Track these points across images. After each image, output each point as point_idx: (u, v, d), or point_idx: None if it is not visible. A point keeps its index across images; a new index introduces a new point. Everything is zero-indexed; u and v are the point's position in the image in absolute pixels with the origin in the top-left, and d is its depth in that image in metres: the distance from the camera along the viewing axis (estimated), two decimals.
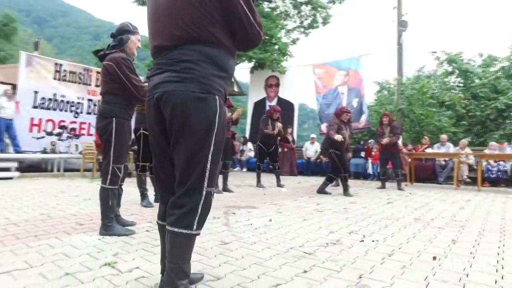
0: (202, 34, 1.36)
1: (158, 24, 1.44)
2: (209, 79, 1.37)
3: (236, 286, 1.66)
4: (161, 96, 1.37)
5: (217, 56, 1.39)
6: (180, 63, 1.37)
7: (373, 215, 3.66)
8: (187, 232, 1.35)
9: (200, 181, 1.36)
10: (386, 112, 7.36)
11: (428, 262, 2.06)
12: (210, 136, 1.37)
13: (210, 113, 1.36)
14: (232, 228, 2.95)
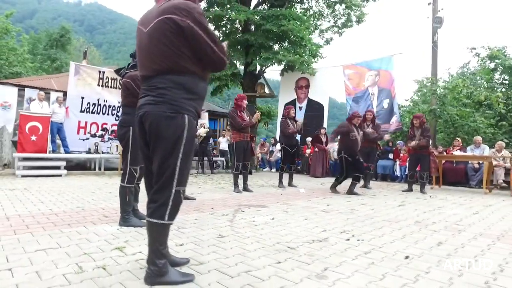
0: (173, 66, 1.73)
1: (141, 58, 1.82)
2: (179, 101, 1.72)
3: (213, 270, 1.99)
4: (142, 115, 1.75)
5: (186, 83, 1.75)
6: (156, 89, 1.74)
7: (375, 217, 3.79)
8: (160, 222, 1.71)
9: (170, 181, 1.71)
10: (417, 114, 7.24)
11: (398, 261, 2.23)
12: (179, 147, 1.72)
13: (178, 129, 1.71)
14: (234, 224, 3.27)
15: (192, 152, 1.83)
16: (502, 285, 1.86)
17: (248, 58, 12.54)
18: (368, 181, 7.17)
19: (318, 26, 17.17)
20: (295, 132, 6.60)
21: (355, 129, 5.76)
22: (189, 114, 1.76)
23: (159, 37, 1.71)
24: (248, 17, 11.88)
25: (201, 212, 3.88)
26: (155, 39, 1.73)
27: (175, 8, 1.68)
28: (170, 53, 1.71)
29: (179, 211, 1.80)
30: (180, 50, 1.71)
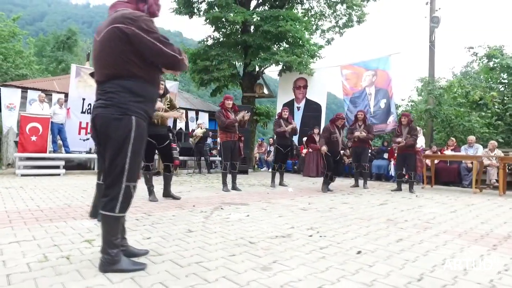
0: (121, 72, 1.90)
1: (95, 65, 1.99)
2: (127, 104, 1.88)
3: (168, 260, 2.13)
4: (94, 118, 1.91)
5: (133, 87, 1.91)
6: (106, 93, 1.91)
7: (350, 215, 3.89)
8: (111, 214, 1.86)
9: (120, 178, 1.87)
10: (405, 112, 7.32)
11: (349, 256, 2.35)
12: (127, 146, 1.87)
13: (125, 130, 1.87)
14: (208, 220, 3.41)
15: (141, 150, 1.98)
16: (437, 277, 1.96)
17: (246, 59, 12.70)
18: (365, 181, 7.27)
19: (319, 26, 17.27)
20: (284, 132, 6.71)
21: (336, 131, 6.01)
22: (136, 115, 1.91)
23: (109, 45, 1.88)
24: (246, 18, 12.03)
25: (181, 209, 4.03)
26: (106, 46, 1.89)
27: (122, 17, 1.85)
28: (118, 59, 1.87)
29: (160, 208, 1.95)
30: (128, 57, 1.87)
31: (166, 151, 4.70)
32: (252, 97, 13.29)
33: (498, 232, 3.18)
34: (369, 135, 7.11)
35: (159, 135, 4.57)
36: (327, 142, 5.97)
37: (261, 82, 13.31)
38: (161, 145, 4.61)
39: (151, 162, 4.74)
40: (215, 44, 13.51)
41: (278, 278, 1.87)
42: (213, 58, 12.42)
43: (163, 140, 4.61)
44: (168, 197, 4.81)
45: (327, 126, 6.22)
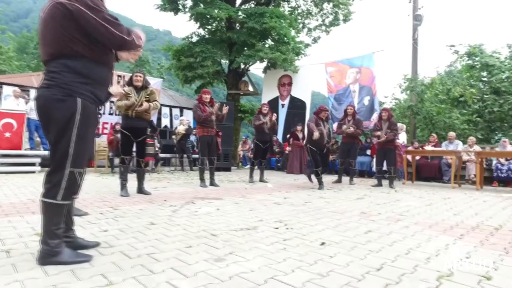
0: (65, 50, 1.77)
1: (40, 43, 1.86)
2: (70, 85, 1.75)
3: (118, 252, 2.01)
4: (36, 99, 1.79)
5: (79, 67, 1.78)
6: (49, 73, 1.78)
7: (324, 209, 3.82)
8: (51, 201, 1.73)
9: (63, 163, 1.74)
10: (385, 107, 7.31)
11: (312, 247, 2.26)
12: (70, 129, 1.75)
13: (69, 111, 1.74)
14: (176, 214, 3.29)
15: (89, 134, 1.86)
16: (398, 266, 1.89)
17: (231, 56, 12.58)
18: (351, 178, 7.20)
19: (306, 25, 17.27)
20: (262, 125, 6.61)
21: (321, 123, 5.86)
22: (82, 97, 1.79)
23: (51, 21, 1.76)
24: (230, 14, 11.91)
25: (151, 203, 3.90)
26: (49, 24, 1.77)
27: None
28: (61, 37, 1.75)
29: (129, 203, 1.82)
30: (72, 35, 1.75)
31: (140, 146, 4.60)
32: (237, 94, 13.17)
33: (468, 222, 3.15)
34: (357, 130, 7.02)
35: (135, 128, 4.48)
36: (311, 138, 5.83)
37: (246, 79, 13.20)
38: (136, 138, 4.53)
39: (128, 156, 4.58)
40: (199, 41, 13.35)
41: (229, 269, 1.77)
42: (197, 55, 12.26)
43: (139, 134, 4.52)
44: (141, 193, 4.67)
45: (312, 118, 6.11)
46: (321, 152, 5.93)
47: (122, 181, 4.53)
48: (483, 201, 4.81)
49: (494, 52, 10.62)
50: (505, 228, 2.94)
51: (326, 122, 6.04)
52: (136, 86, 4.51)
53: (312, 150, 5.84)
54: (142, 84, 4.54)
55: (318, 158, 5.89)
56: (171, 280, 1.60)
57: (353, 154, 7.18)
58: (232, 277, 1.65)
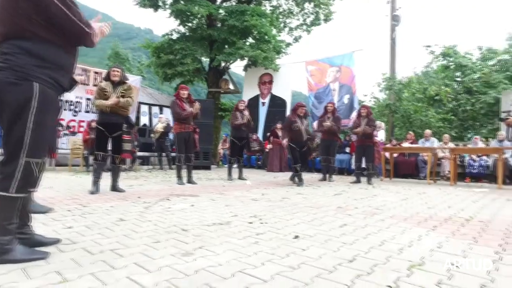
0: (20, 31, 1.65)
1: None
2: (25, 68, 1.63)
3: (80, 248, 1.90)
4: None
5: (35, 49, 1.67)
6: (2, 55, 1.65)
7: (300, 204, 3.79)
8: (3, 194, 1.60)
9: (17, 152, 1.62)
10: (365, 104, 7.39)
11: (285, 240, 2.21)
12: (26, 115, 1.63)
13: (23, 96, 1.62)
14: (148, 210, 3.18)
15: (48, 122, 1.74)
16: (370, 258, 1.86)
17: (212, 54, 12.45)
18: (330, 174, 7.22)
19: (287, 24, 17.31)
20: (240, 125, 6.56)
21: (298, 120, 5.83)
22: (41, 82, 1.67)
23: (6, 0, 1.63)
24: (211, 12, 11.78)
25: (124, 200, 3.76)
26: (4, 2, 1.64)
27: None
28: (17, 17, 1.63)
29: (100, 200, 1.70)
30: (30, 17, 1.63)
31: (115, 142, 4.47)
32: (217, 93, 13.05)
33: (441, 215, 3.18)
34: (334, 127, 7.00)
35: (110, 123, 4.36)
36: (291, 133, 5.85)
37: (226, 77, 13.09)
38: (111, 134, 4.41)
39: (102, 152, 4.43)
40: (179, 38, 13.15)
41: (196, 264, 1.69)
42: (177, 52, 12.07)
43: (114, 129, 4.40)
44: (114, 191, 4.51)
45: (288, 116, 6.14)
46: (300, 149, 5.92)
47: (95, 178, 4.37)
48: (456, 195, 4.91)
49: (466, 54, 10.95)
50: (475, 219, 2.98)
51: (305, 118, 6.02)
52: (114, 81, 4.40)
53: (291, 146, 5.84)
54: (120, 79, 4.43)
55: (297, 154, 5.88)
56: (132, 275, 1.50)
57: (332, 151, 7.20)
58: (198, 271, 1.58)
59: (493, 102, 8.83)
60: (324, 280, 1.51)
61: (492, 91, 8.96)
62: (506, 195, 5.04)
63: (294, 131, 5.84)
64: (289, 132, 5.90)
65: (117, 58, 31.13)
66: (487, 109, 9.07)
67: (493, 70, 9.85)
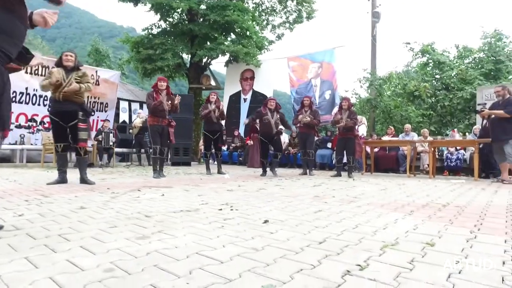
0: None
1: None
2: None
3: (24, 234, 1.72)
4: None
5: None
6: None
7: (276, 194, 3.67)
8: None
9: None
10: (346, 97, 7.36)
11: (253, 225, 2.07)
12: None
13: None
14: (114, 200, 2.99)
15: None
16: (342, 239, 1.74)
17: (193, 49, 12.23)
18: (310, 168, 7.10)
19: (270, 21, 17.24)
20: (208, 113, 6.39)
21: (269, 113, 6.00)
22: None
23: None
24: (191, 6, 11.57)
25: (91, 191, 3.56)
26: None
27: None
28: None
29: (65, 191, 1.50)
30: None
31: (72, 131, 4.18)
32: (198, 89, 12.84)
33: (419, 202, 3.12)
34: (314, 121, 6.91)
35: (64, 111, 4.07)
36: (260, 126, 5.91)
37: (208, 73, 12.90)
38: (67, 123, 4.13)
39: (62, 142, 4.19)
40: (160, 33, 12.87)
41: (150, 246, 1.53)
42: (157, 47, 11.79)
43: (69, 118, 4.11)
44: (84, 183, 4.27)
45: (259, 110, 6.27)
46: (270, 140, 6.16)
47: (58, 169, 4.18)
48: (435, 186, 4.91)
49: (444, 51, 11.12)
50: (452, 205, 2.93)
51: (276, 112, 6.13)
52: (66, 67, 4.09)
53: (261, 139, 6.01)
54: (74, 65, 4.14)
55: (266, 147, 6.17)
56: (73, 258, 1.34)
57: (310, 144, 7.09)
58: (150, 253, 1.42)
59: (469, 97, 8.98)
60: (288, 261, 1.38)
61: (468, 87, 9.11)
62: (481, 185, 5.08)
63: (264, 123, 6.03)
64: (259, 125, 6.05)
65: (97, 55, 30.40)
66: (464, 104, 9.22)
67: (469, 67, 10.04)
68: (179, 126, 9.66)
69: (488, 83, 9.37)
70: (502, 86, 5.83)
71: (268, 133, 5.98)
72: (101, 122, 9.87)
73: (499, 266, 1.32)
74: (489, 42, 10.41)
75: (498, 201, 3.23)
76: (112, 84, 11.17)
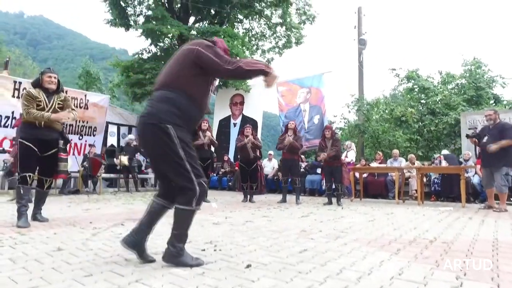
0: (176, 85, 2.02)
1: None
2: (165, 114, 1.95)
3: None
4: None
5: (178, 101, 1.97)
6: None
7: (263, 228, 3.60)
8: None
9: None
10: (327, 125, 7.38)
11: (236, 270, 2.01)
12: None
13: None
14: (94, 238, 2.89)
15: None
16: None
17: None
18: (297, 196, 6.85)
19: (260, 46, 17.62)
20: (201, 144, 6.38)
21: (245, 139, 6.62)
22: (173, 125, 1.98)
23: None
24: (181, 32, 11.77)
25: (72, 226, 3.44)
26: (182, 59, 2.06)
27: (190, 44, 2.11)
28: (182, 74, 2.03)
29: (44, 226, 1.42)
30: (191, 75, 2.01)
31: (49, 161, 3.71)
32: None
33: (406, 237, 3.09)
34: (296, 143, 6.81)
35: (44, 140, 3.63)
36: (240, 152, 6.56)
37: None
38: (44, 153, 3.66)
39: (31, 173, 3.63)
40: (150, 58, 13.00)
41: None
42: (147, 72, 11.88)
43: (48, 147, 3.67)
44: (35, 221, 3.73)
45: (238, 137, 6.90)
46: (249, 166, 6.62)
47: (21, 206, 3.54)
48: (423, 215, 4.89)
49: (428, 77, 11.45)
50: (439, 240, 2.91)
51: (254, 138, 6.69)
52: (48, 89, 3.67)
53: (240, 165, 6.27)
54: (57, 87, 3.75)
55: (245, 173, 6.46)
56: None
57: (295, 171, 6.96)
58: None
59: (454, 123, 9.17)
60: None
61: (452, 113, 9.32)
62: (468, 213, 5.09)
63: (242, 149, 6.40)
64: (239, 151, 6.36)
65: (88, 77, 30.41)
66: (449, 129, 9.40)
67: (452, 93, 10.32)
68: None
69: (471, 109, 9.63)
70: (494, 110, 5.84)
71: (246, 158, 6.51)
72: (89, 147, 9.73)
73: None
74: (470, 69, 10.77)
75: (484, 235, 3.22)
76: (101, 108, 11.13)
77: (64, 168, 3.82)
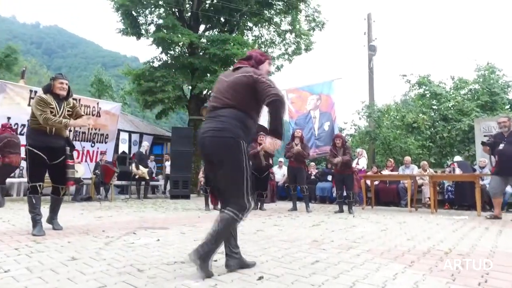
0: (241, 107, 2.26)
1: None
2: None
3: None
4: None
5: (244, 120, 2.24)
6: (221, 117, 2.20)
7: (274, 237, 3.60)
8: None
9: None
10: (338, 134, 7.35)
11: (247, 282, 2.01)
12: None
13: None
14: (107, 247, 2.92)
15: None
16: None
17: (193, 81, 12.47)
18: (307, 204, 6.77)
19: (269, 53, 17.68)
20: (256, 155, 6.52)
21: (258, 146, 6.49)
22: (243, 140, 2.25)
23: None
24: (192, 40, 11.91)
25: (86, 235, 3.49)
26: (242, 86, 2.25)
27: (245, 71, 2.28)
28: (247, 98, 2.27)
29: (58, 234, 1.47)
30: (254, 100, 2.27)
31: (59, 169, 3.68)
32: (199, 120, 12.94)
33: (420, 248, 3.04)
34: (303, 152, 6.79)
35: (53, 148, 3.58)
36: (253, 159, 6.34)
37: (207, 105, 13.05)
38: (53, 161, 3.62)
39: (41, 182, 3.61)
40: (161, 66, 13.18)
41: None
42: (157, 80, 12.03)
43: (57, 154, 3.63)
44: (50, 224, 3.80)
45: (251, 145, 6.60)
46: (260, 174, 6.55)
47: (35, 216, 3.53)
48: (437, 224, 4.81)
49: (440, 82, 11.31)
50: (454, 252, 2.85)
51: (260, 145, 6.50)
52: (59, 95, 3.64)
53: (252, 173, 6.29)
54: (67, 93, 3.72)
55: (256, 181, 6.34)
56: None
57: (301, 179, 6.89)
58: None
59: (468, 129, 9.02)
60: None
61: (465, 119, 9.17)
62: (485, 223, 4.97)
63: (254, 156, 6.31)
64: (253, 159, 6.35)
65: (100, 85, 30.96)
66: (462, 136, 9.24)
67: (465, 99, 10.17)
68: (179, 158, 9.69)
69: (485, 115, 9.45)
70: (508, 117, 5.73)
71: (258, 166, 6.42)
72: (100, 154, 9.87)
73: None
74: (483, 74, 10.60)
75: (504, 247, 3.13)
76: (113, 115, 11.30)
77: (71, 175, 3.86)
